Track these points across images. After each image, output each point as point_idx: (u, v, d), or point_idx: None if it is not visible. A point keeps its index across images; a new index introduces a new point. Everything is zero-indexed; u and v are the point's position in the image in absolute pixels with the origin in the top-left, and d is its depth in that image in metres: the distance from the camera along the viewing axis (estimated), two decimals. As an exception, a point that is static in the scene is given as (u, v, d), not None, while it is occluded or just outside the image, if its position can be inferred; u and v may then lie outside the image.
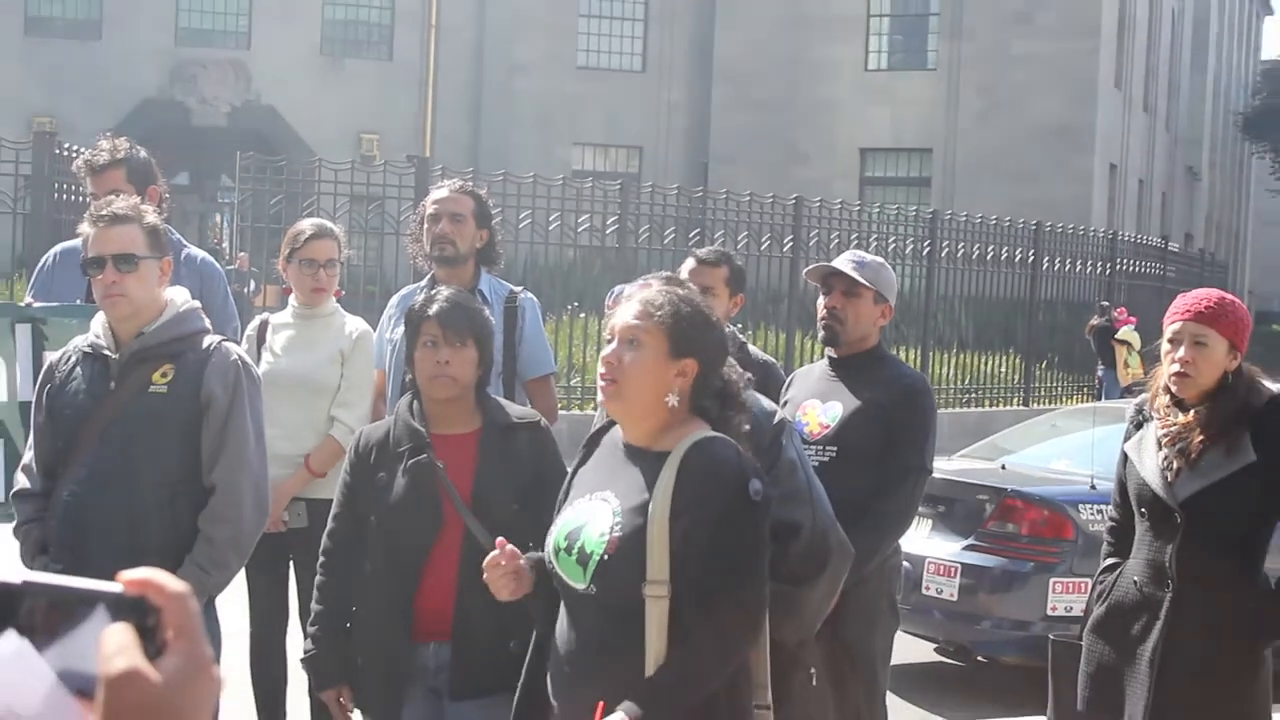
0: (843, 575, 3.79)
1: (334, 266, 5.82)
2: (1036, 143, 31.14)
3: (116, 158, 5.50)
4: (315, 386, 5.68)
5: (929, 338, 19.64)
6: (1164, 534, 4.33)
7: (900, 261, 19.31)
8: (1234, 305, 4.42)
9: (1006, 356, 20.92)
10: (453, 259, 5.48)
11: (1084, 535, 7.52)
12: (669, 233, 17.56)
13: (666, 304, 3.25)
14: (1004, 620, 7.81)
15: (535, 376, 5.64)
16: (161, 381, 4.16)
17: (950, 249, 19.87)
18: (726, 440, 3.20)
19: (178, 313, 4.25)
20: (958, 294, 20.37)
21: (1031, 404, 20.23)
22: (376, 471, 4.11)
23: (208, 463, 4.16)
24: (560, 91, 33.24)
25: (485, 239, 5.60)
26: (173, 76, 32.10)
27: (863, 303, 5.11)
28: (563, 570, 3.25)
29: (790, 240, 18.03)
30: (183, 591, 1.13)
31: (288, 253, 5.82)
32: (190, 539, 4.13)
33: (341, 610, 4.18)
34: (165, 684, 1.09)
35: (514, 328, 5.56)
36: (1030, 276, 21.05)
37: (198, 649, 1.12)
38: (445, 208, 5.52)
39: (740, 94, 33.40)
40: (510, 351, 5.50)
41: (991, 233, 20.51)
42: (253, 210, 16.34)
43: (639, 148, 34.23)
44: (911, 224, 20.29)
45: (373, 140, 31.55)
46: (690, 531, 3.10)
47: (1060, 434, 9.37)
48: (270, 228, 15.50)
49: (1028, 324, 21.17)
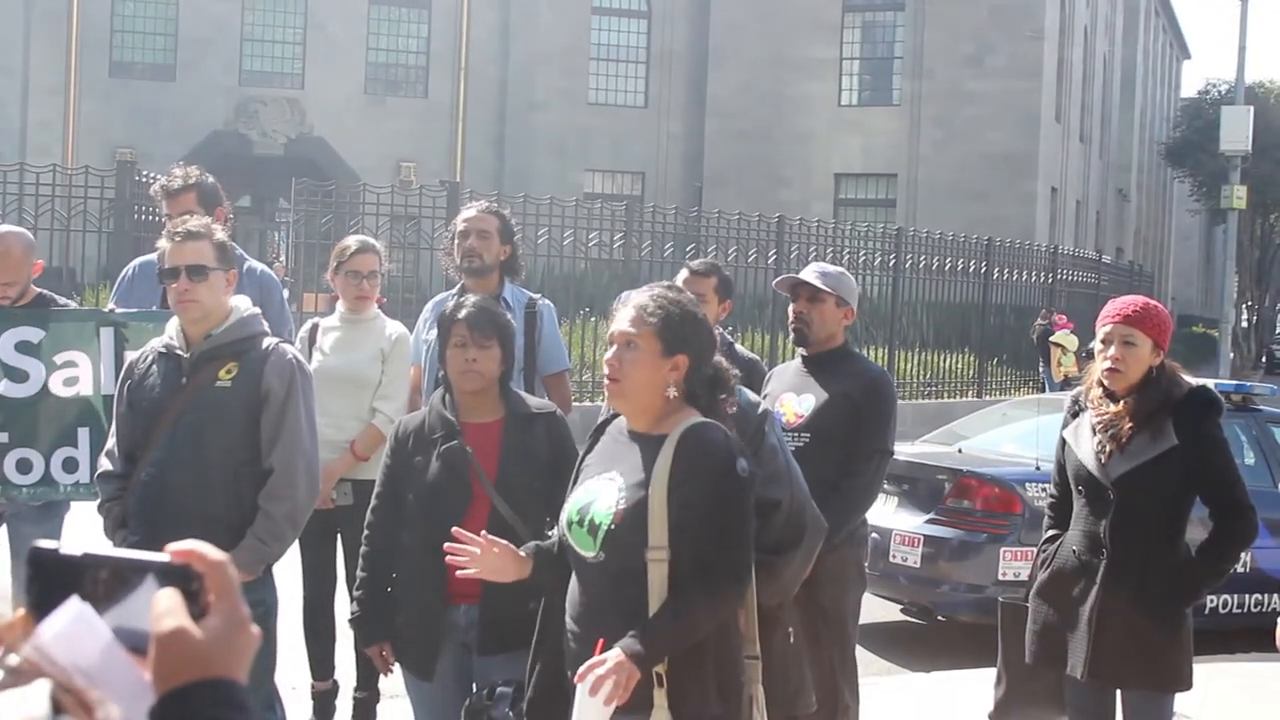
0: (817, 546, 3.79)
1: (375, 277, 5.82)
2: (988, 168, 31.10)
3: (189, 183, 5.50)
4: (360, 381, 5.68)
5: (895, 338, 19.62)
6: (1098, 509, 4.33)
7: (869, 272, 19.31)
8: (1158, 310, 4.42)
9: (962, 354, 20.91)
10: (480, 270, 5.46)
11: (1030, 510, 7.51)
12: (668, 247, 17.55)
13: (656, 309, 3.25)
14: (960, 584, 7.81)
15: (552, 372, 5.63)
16: (226, 377, 4.15)
17: (913, 261, 19.86)
18: (717, 425, 3.21)
19: (241, 318, 4.24)
20: (920, 300, 20.37)
21: (984, 395, 20.21)
22: (414, 456, 4.10)
23: (266, 447, 4.16)
24: (573, 124, 33.22)
25: (508, 253, 5.58)
26: (237, 112, 32.08)
27: (826, 307, 5.11)
28: (575, 541, 3.25)
29: (774, 254, 18.02)
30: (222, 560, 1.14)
31: (335, 265, 5.82)
32: (252, 514, 4.13)
33: (383, 576, 4.18)
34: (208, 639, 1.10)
35: (534, 330, 5.55)
36: (983, 285, 21.05)
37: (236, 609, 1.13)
38: (474, 225, 5.50)
39: (730, 126, 33.38)
40: (530, 351, 5.49)
41: (949, 247, 20.50)
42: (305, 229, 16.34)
43: (642, 173, 34.21)
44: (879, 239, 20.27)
45: (410, 167, 31.51)
46: (686, 503, 3.11)
47: (1009, 422, 9.38)
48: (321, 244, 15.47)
49: (981, 326, 21.17)
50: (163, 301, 4.81)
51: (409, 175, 30.33)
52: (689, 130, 34.38)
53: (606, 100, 34.51)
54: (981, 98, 31.51)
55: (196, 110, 31.06)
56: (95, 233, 14.05)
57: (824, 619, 4.92)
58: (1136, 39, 47.19)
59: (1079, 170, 37.96)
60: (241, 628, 1.13)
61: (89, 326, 5.20)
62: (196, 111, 31.05)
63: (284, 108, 32.25)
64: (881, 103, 33.31)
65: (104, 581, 1.11)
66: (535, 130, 33.21)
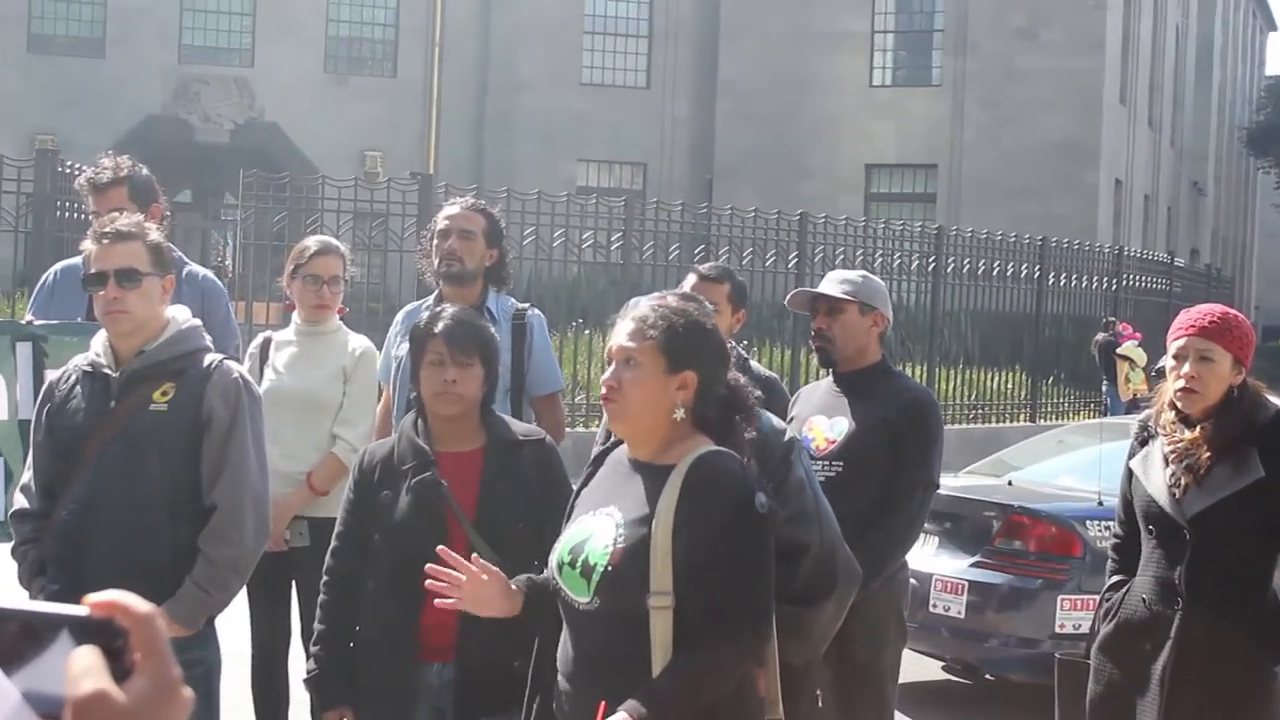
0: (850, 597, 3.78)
1: (338, 283, 5.83)
2: (1042, 158, 31.15)
3: (119, 175, 5.49)
4: (318, 404, 5.68)
5: (934, 353, 19.62)
6: (1172, 551, 4.31)
7: (905, 278, 19.32)
8: (1238, 320, 4.41)
9: (1012, 372, 20.89)
10: (460, 276, 5.46)
11: (1091, 552, 7.48)
12: (674, 249, 17.55)
13: (659, 320, 3.25)
14: (1011, 638, 7.78)
15: (543, 394, 5.61)
16: (162, 400, 4.15)
17: (956, 264, 19.87)
18: (731, 454, 3.20)
19: (179, 330, 4.24)
20: (963, 309, 20.37)
21: (1038, 420, 20.20)
22: (380, 489, 4.09)
23: (208, 481, 4.15)
24: (564, 108, 33.28)
25: (495, 258, 5.57)
26: (176, 94, 32.17)
27: (848, 317, 5.14)
28: (566, 585, 3.24)
29: (795, 256, 18.03)
30: (151, 612, 1.13)
31: (292, 269, 5.83)
32: (190, 559, 4.11)
33: (345, 630, 4.16)
34: (132, 706, 1.09)
35: (522, 345, 5.55)
36: (1036, 292, 21.04)
37: (165, 670, 1.12)
38: (455, 224, 5.50)
39: (744, 109, 33.44)
40: (518, 369, 5.50)
41: (997, 248, 20.50)
42: (255, 228, 16.36)
43: (643, 164, 34.26)
44: (917, 240, 20.28)
45: (376, 157, 31.58)
46: (694, 543, 3.10)
47: (1067, 450, 9.35)
48: (273, 245, 15.51)
49: (1034, 339, 21.15)
50: (88, 313, 4.81)
51: (375, 166, 30.40)
52: (697, 114, 34.44)
53: (602, 80, 34.60)
54: (1035, 77, 31.58)
55: (129, 91, 31.13)
56: (10, 232, 14.05)
57: (858, 678, 4.91)
58: (1214, 8, 47.34)
59: (1147, 160, 38.03)
60: (172, 691, 1.12)
61: (2, 341, 5.18)
62: (129, 93, 31.12)
63: (230, 89, 32.34)
64: (919, 82, 33.38)
65: (13, 638, 1.11)
66: (520, 115, 33.28)
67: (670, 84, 34.63)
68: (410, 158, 30.61)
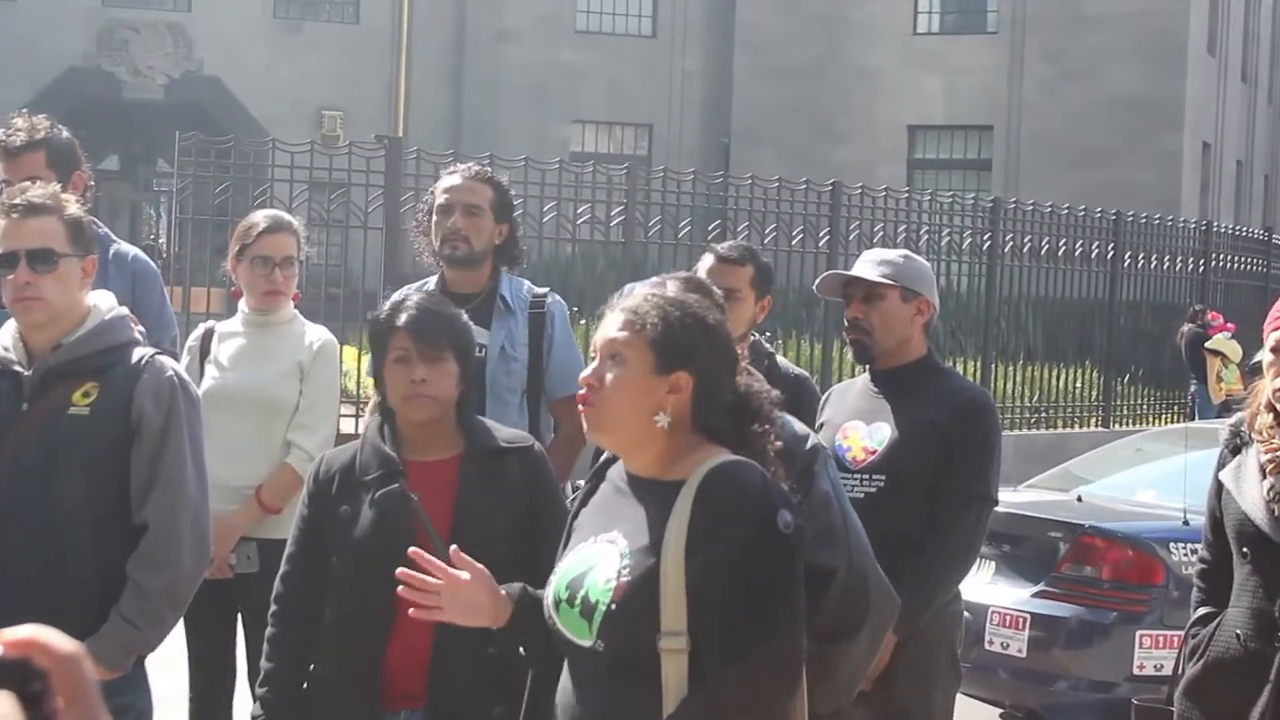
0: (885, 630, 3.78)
1: (291, 265, 5.83)
2: (1115, 118, 31.12)
3: (35, 139, 5.49)
4: (269, 406, 5.69)
5: (990, 347, 19.60)
6: (1272, 578, 4.30)
7: (956, 259, 19.29)
8: (1350, 308, 4.40)
9: (1082, 369, 20.89)
10: (468, 259, 5.48)
11: (1176, 579, 7.49)
12: (684, 225, 17.54)
13: (652, 310, 3.24)
14: (1081, 680, 7.80)
15: (565, 395, 5.55)
16: (84, 402, 4.14)
17: (1015, 242, 19.84)
18: (750, 464, 3.18)
19: (103, 320, 4.23)
20: (1023, 296, 20.34)
21: (1112, 425, 20.19)
22: (340, 504, 4.09)
23: (138, 497, 4.15)
24: (556, 60, 33.28)
25: (505, 234, 5.61)
26: (100, 42, 32.17)
27: (887, 304, 5.14)
28: (564, 625, 3.24)
29: (826, 233, 18.02)
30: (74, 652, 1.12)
31: (238, 249, 5.85)
32: (117, 587, 4.11)
33: (297, 669, 4.16)
34: None
35: (541, 337, 5.56)
36: (1109, 275, 21.02)
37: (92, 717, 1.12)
38: (458, 198, 5.50)
39: (767, 62, 33.41)
40: (536, 366, 5.50)
41: (1063, 224, 20.48)
42: (194, 200, 16.33)
43: (648, 125, 34.27)
44: (969, 214, 20.26)
45: (335, 118, 31.60)
46: (709, 570, 3.09)
47: (1146, 459, 9.37)
48: (215, 220, 15.49)
49: (1107, 331, 21.15)
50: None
51: (334, 128, 30.43)
52: (711, 69, 34.43)
53: (601, 28, 34.59)
54: (1107, 23, 31.55)
55: (45, 40, 31.13)
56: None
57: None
58: (1317, -57, 47.26)
59: (1240, 120, 38.00)
60: None
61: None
62: (45, 41, 31.12)
63: (164, 37, 32.34)
64: (972, 29, 33.36)
65: None
66: (505, 68, 33.28)
67: (680, 32, 34.62)
68: (375, 118, 30.62)
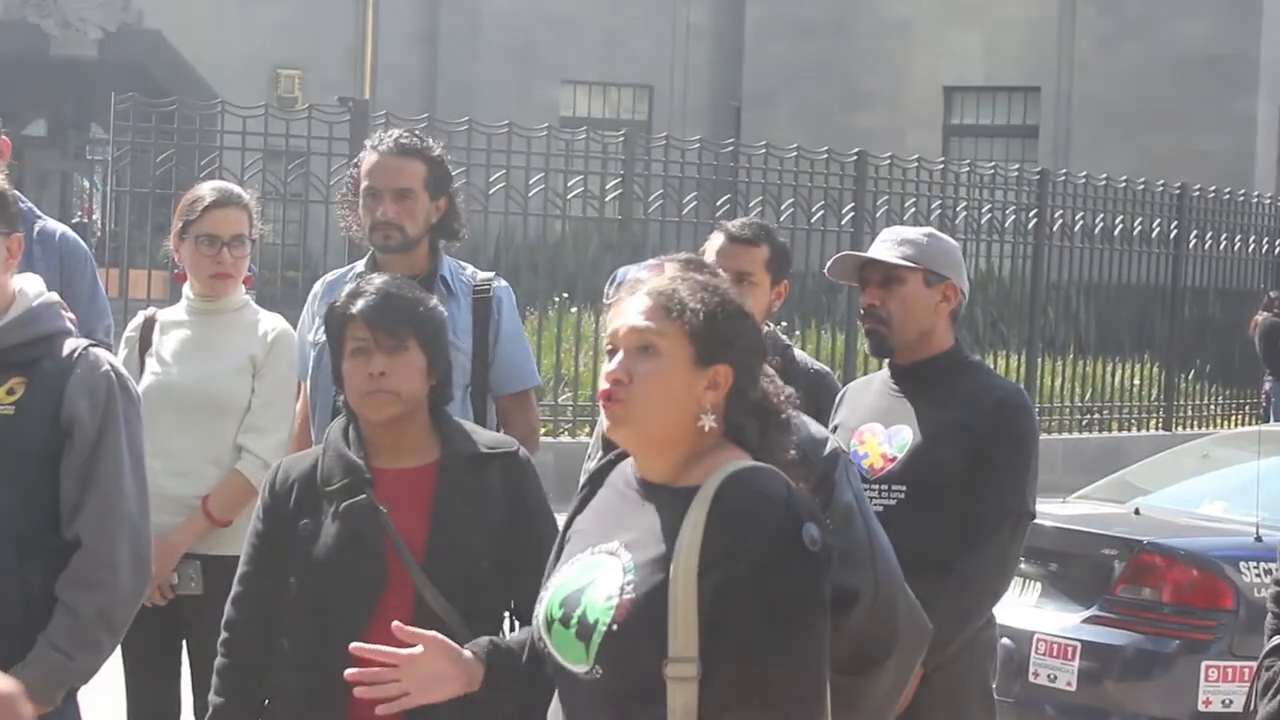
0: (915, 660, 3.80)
1: (242, 245, 5.83)
2: (1180, 79, 31.09)
3: (-50, 101, 5.50)
4: (218, 405, 5.70)
5: (1036, 339, 19.61)
6: (1357, 602, 4.31)
7: (997, 238, 19.32)
8: None
9: (1140, 364, 20.90)
10: (401, 247, 5.46)
11: (1247, 604, 7.50)
12: (689, 199, 17.54)
13: (686, 294, 3.24)
14: (1139, 717, 7.79)
15: (512, 391, 5.61)
16: (8, 400, 4.14)
17: (1064, 220, 19.85)
18: (774, 472, 3.19)
19: (29, 308, 4.23)
20: (1074, 281, 20.35)
21: (1175, 427, 20.21)
22: (299, 518, 4.10)
23: (69, 508, 4.14)
24: (544, 13, 33.23)
25: (444, 207, 5.55)
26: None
27: (907, 288, 5.11)
28: (557, 648, 3.25)
29: (851, 209, 18.04)
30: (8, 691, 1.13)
31: (181, 226, 5.84)
32: (45, 610, 4.11)
33: (249, 704, 4.17)
34: None
35: (486, 327, 5.54)
36: (1172, 257, 21.03)
37: None
38: (385, 183, 5.43)
39: (783, 14, 33.39)
40: (482, 358, 5.49)
41: (1120, 198, 20.49)
42: (132, 170, 16.33)
43: (648, 87, 34.23)
44: (1013, 187, 20.27)
45: (293, 77, 31.56)
46: (725, 589, 3.10)
47: (1213, 467, 9.37)
48: (156, 194, 15.50)
49: (1170, 320, 21.15)
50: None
51: (291, 89, 30.39)
52: (721, 22, 34.42)
53: (594, -25, 34.57)
54: (1170, -30, 31.53)
55: (-36, -10, 31.13)
56: None
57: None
58: None
59: (1321, 81, 37.98)
60: None
61: None
62: (-36, -8, 31.12)
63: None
64: (1017, -22, 33.32)
65: None
66: (485, 23, 33.24)
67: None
68: (338, 79, 30.57)
